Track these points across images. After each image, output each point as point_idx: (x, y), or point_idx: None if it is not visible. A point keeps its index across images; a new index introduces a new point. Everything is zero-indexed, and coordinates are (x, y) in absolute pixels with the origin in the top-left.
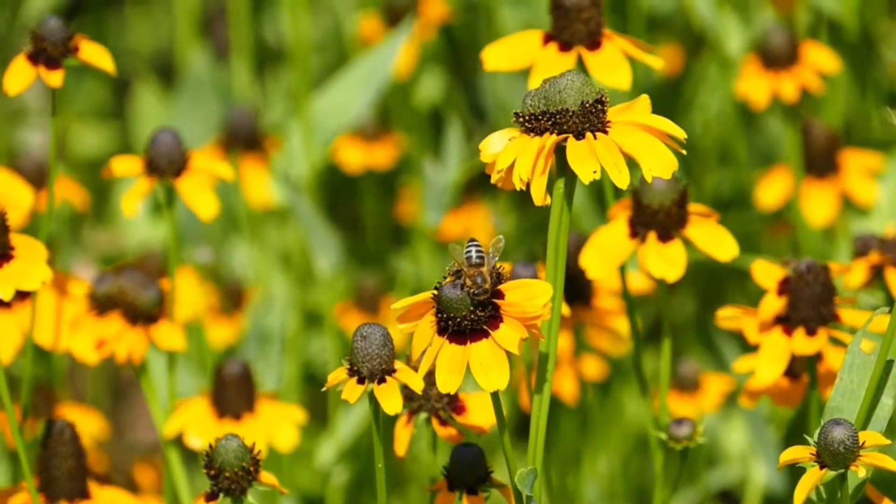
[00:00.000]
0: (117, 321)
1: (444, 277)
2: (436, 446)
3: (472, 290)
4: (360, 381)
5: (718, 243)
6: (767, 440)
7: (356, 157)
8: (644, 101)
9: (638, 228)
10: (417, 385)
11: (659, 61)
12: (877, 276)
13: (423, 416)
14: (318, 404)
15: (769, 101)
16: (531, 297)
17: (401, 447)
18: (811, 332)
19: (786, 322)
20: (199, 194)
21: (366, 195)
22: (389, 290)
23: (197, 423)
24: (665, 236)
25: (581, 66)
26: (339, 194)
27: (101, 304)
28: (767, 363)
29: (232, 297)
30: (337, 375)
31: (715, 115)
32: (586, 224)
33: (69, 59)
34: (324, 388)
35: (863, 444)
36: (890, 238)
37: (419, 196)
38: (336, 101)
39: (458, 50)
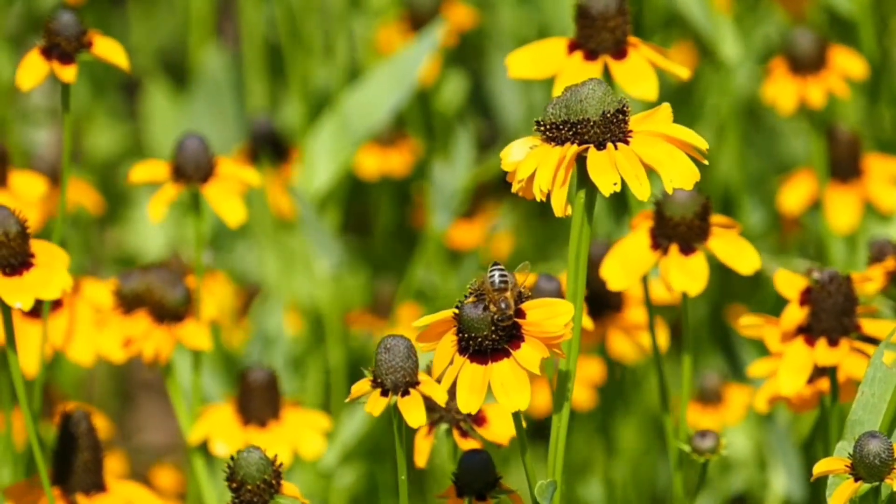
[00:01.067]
0: (144, 320)
1: (466, 296)
2: (456, 457)
3: (496, 316)
4: (384, 393)
5: (740, 256)
6: (787, 448)
7: (372, 163)
8: (665, 109)
9: (660, 240)
10: (441, 398)
11: (685, 70)
12: (892, 281)
13: (443, 427)
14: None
15: (796, 107)
16: (553, 316)
17: (421, 458)
18: (833, 342)
19: (808, 332)
20: (226, 200)
21: (381, 201)
22: (403, 298)
23: (222, 430)
24: (687, 249)
25: (607, 75)
26: (354, 200)
27: (128, 303)
28: (789, 374)
29: (248, 304)
30: (360, 387)
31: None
32: (600, 228)
33: (83, 54)
34: (347, 400)
35: None
36: None
37: (428, 200)
38: (363, 105)
39: (466, 52)
